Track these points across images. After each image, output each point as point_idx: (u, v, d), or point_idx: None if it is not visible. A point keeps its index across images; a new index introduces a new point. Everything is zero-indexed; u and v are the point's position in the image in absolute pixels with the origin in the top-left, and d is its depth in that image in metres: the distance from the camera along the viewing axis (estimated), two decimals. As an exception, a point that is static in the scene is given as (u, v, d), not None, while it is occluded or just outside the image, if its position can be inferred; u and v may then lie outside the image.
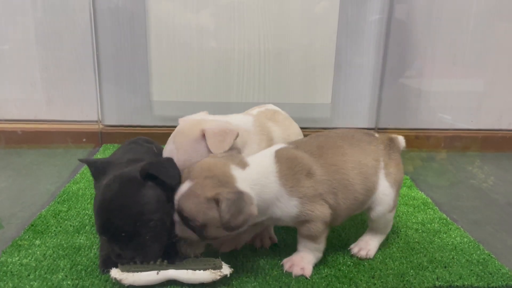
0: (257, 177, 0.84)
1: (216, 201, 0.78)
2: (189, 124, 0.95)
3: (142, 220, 0.80)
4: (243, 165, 0.85)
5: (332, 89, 1.84)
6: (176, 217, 0.84)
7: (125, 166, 0.87)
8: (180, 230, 0.84)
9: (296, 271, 0.89)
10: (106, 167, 0.88)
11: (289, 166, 0.87)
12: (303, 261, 0.91)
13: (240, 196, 0.78)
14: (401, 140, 1.02)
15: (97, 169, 0.88)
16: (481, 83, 1.90)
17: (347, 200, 0.91)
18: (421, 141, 1.87)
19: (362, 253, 0.97)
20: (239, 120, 1.01)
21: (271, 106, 1.16)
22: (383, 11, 1.79)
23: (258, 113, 1.08)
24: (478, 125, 1.91)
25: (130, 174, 0.83)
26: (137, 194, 0.81)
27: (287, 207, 0.87)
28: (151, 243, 0.82)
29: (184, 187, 0.82)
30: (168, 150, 0.93)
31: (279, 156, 0.89)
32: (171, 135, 0.95)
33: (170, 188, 0.84)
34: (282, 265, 0.92)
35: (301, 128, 1.18)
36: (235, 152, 0.89)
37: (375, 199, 0.95)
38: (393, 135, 1.02)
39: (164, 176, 0.82)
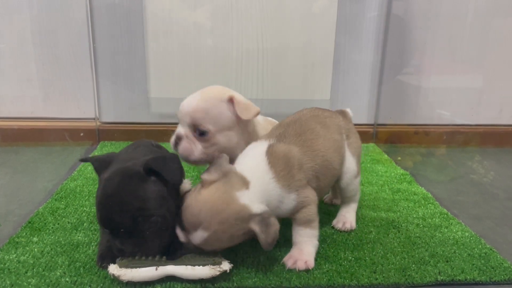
0: (260, 190, 0.85)
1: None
2: (221, 87, 1.02)
3: (143, 216, 0.79)
4: (245, 184, 0.84)
5: (331, 86, 1.83)
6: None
7: (129, 161, 0.86)
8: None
9: (300, 265, 0.89)
10: (109, 162, 0.87)
11: (283, 166, 0.89)
12: (303, 254, 0.91)
13: (264, 220, 0.82)
14: (349, 111, 1.14)
15: (101, 164, 0.87)
16: (480, 78, 1.90)
17: (326, 178, 0.97)
18: (421, 137, 1.87)
19: (347, 226, 1.06)
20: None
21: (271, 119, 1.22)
22: (382, 7, 1.78)
23: (268, 118, 1.16)
24: (478, 120, 1.91)
25: (133, 168, 0.82)
26: (138, 188, 0.80)
27: (288, 202, 0.89)
28: (152, 238, 0.81)
29: (200, 234, 0.80)
30: (191, 97, 0.99)
31: (271, 157, 0.89)
32: (199, 90, 1.02)
33: (174, 184, 0.83)
34: (284, 263, 0.91)
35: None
36: (223, 170, 0.86)
37: (343, 169, 1.04)
38: (344, 109, 1.14)
39: (166, 172, 0.81)
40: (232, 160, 0.99)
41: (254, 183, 0.85)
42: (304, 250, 0.91)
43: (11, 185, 1.35)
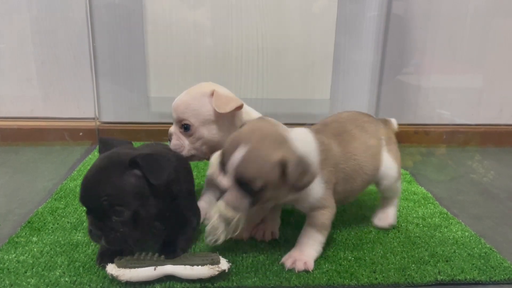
0: (302, 143, 0.85)
1: (282, 163, 0.79)
2: (210, 83, 1.05)
3: (110, 203, 0.78)
4: (287, 131, 0.86)
5: (331, 85, 1.83)
6: (226, 181, 0.82)
7: (128, 151, 0.85)
8: (233, 197, 0.81)
9: (299, 266, 0.88)
10: (112, 146, 0.88)
11: (324, 149, 0.90)
12: (303, 255, 0.90)
13: (303, 157, 0.80)
14: (394, 122, 1.14)
15: (104, 146, 0.89)
16: (480, 78, 1.90)
17: (355, 182, 0.97)
18: (420, 136, 1.86)
19: (390, 221, 1.07)
20: (253, 111, 1.11)
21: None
22: (382, 7, 1.78)
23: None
24: (478, 120, 1.90)
25: (120, 156, 0.82)
26: (115, 176, 0.79)
27: (316, 187, 0.88)
28: (118, 228, 0.80)
29: (240, 151, 0.80)
30: (179, 95, 1.04)
31: (317, 137, 0.90)
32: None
33: (162, 187, 0.83)
34: (283, 264, 0.90)
35: (300, 124, 1.18)
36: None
37: (381, 174, 1.03)
38: (388, 118, 1.14)
39: (148, 171, 0.80)
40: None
41: (297, 135, 0.86)
42: (305, 251, 0.91)
43: (10, 185, 1.35)
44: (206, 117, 0.99)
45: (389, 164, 1.04)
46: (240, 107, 0.99)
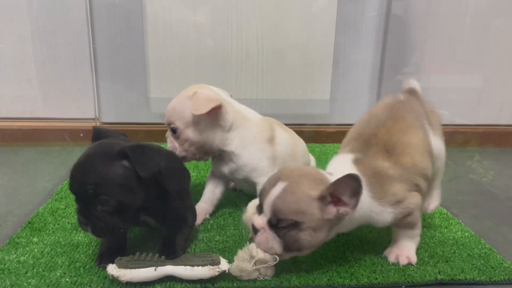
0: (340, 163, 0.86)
1: (321, 198, 0.77)
2: (197, 86, 1.06)
3: (95, 191, 0.79)
4: (329, 173, 0.85)
5: (331, 86, 1.84)
6: (259, 220, 0.81)
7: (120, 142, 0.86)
8: (264, 238, 0.80)
9: (403, 260, 0.91)
10: (106, 136, 0.89)
11: (375, 178, 0.86)
12: (404, 249, 0.93)
13: (359, 184, 0.77)
14: (415, 85, 1.06)
15: (98, 135, 0.90)
16: (480, 78, 1.90)
17: (425, 180, 0.93)
18: (420, 137, 1.86)
19: (432, 206, 1.07)
20: (247, 110, 1.10)
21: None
22: (381, 7, 1.78)
23: (269, 118, 1.15)
24: (477, 120, 1.91)
25: (110, 146, 0.82)
26: (102, 166, 0.80)
27: (384, 215, 0.87)
28: (102, 218, 0.81)
29: (278, 187, 0.79)
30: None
31: (362, 168, 0.86)
32: None
33: (152, 181, 0.84)
34: (386, 257, 0.93)
35: (300, 124, 1.19)
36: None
37: (434, 158, 0.98)
38: (408, 86, 1.06)
39: (136, 162, 0.80)
40: (208, 154, 1.07)
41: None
42: (405, 245, 0.93)
43: (10, 185, 1.35)
44: (188, 119, 1.01)
45: (439, 145, 1.00)
46: (218, 108, 1.00)
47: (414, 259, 0.92)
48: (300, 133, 1.21)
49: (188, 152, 1.04)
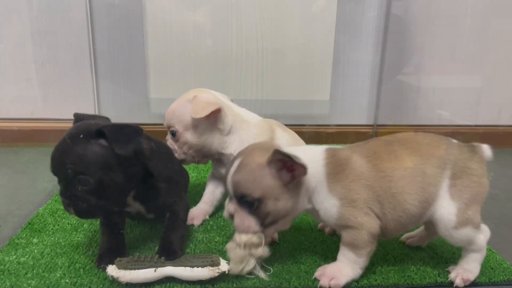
0: (296, 151, 0.82)
1: (269, 164, 0.78)
2: (196, 90, 1.07)
3: (75, 171, 0.79)
4: (291, 147, 0.87)
5: (331, 86, 1.83)
6: (231, 206, 0.82)
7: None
8: (239, 219, 0.81)
9: (324, 282, 0.83)
10: (84, 119, 0.89)
11: (336, 163, 0.84)
12: (336, 273, 0.84)
13: (288, 156, 0.77)
14: (485, 149, 0.87)
15: (79, 120, 0.90)
16: (480, 78, 1.90)
17: (394, 211, 0.83)
18: (420, 137, 1.86)
19: (464, 276, 0.86)
20: (247, 113, 1.10)
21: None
22: (381, 7, 1.78)
23: (269, 120, 1.15)
24: (477, 121, 1.91)
25: (88, 126, 0.83)
26: (79, 145, 0.80)
27: (327, 204, 0.83)
28: (83, 197, 0.81)
29: (234, 165, 0.81)
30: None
31: (329, 152, 0.85)
32: None
33: (134, 160, 0.85)
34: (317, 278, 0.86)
35: (300, 125, 1.19)
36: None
37: (434, 213, 0.84)
38: (476, 143, 0.88)
39: (113, 140, 0.80)
40: (207, 157, 1.08)
41: (300, 150, 0.84)
42: (340, 269, 0.85)
43: (10, 186, 1.35)
44: (187, 123, 1.02)
45: (444, 203, 0.83)
46: (217, 111, 1.00)
47: (338, 283, 0.83)
48: (300, 133, 1.21)
49: (187, 155, 1.05)
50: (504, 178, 1.56)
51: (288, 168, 0.79)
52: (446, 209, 0.83)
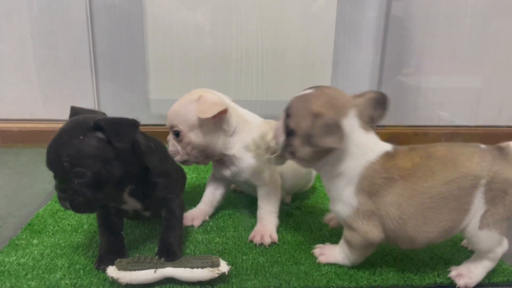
0: (362, 143, 0.83)
1: (316, 115, 0.80)
2: (203, 89, 1.05)
3: (72, 164, 0.79)
4: (366, 127, 0.85)
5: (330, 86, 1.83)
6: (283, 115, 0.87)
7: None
8: (278, 125, 0.89)
9: (316, 252, 0.94)
10: (83, 114, 0.89)
11: (381, 169, 0.82)
12: (329, 252, 0.92)
13: (336, 125, 0.79)
14: None
15: (75, 114, 0.90)
16: (480, 79, 1.90)
17: (423, 226, 0.81)
18: (420, 138, 1.86)
19: (465, 280, 0.86)
20: (249, 114, 1.11)
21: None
22: (381, 8, 1.78)
23: (270, 121, 1.13)
24: (477, 121, 1.91)
25: (85, 119, 0.83)
26: (76, 138, 0.80)
27: (346, 198, 0.84)
28: (80, 190, 0.80)
29: (307, 90, 0.87)
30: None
31: (388, 154, 0.83)
32: None
33: (130, 153, 0.85)
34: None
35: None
36: None
37: (466, 230, 0.83)
38: (503, 144, 0.84)
39: (110, 133, 0.80)
40: (209, 158, 1.06)
41: (365, 137, 0.84)
42: (334, 252, 0.92)
43: (10, 187, 1.36)
44: (192, 123, 1.00)
45: (479, 207, 0.80)
46: (223, 112, 1.00)
47: (326, 259, 0.92)
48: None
49: (190, 155, 1.04)
50: (504, 178, 1.56)
51: None
52: (478, 213, 0.81)
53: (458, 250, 0.99)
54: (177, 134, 1.02)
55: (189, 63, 1.75)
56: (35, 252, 0.94)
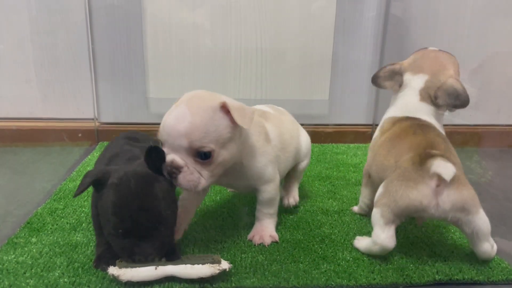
0: None
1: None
2: (206, 92, 0.87)
3: (161, 216, 0.80)
4: None
5: (330, 86, 1.83)
6: None
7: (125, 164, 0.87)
8: None
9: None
10: (106, 175, 0.82)
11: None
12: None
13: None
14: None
15: (98, 180, 0.82)
16: (479, 78, 1.90)
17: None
18: (419, 137, 1.86)
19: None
20: None
21: (261, 107, 1.13)
22: (380, 7, 1.78)
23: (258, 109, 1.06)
24: (476, 121, 1.91)
25: (142, 171, 0.82)
26: (154, 190, 0.80)
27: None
28: (166, 236, 0.82)
29: None
30: (176, 112, 0.83)
31: None
32: (180, 100, 0.86)
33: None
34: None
35: (300, 124, 1.18)
36: None
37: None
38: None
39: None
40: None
41: None
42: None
43: (9, 186, 1.35)
44: (225, 137, 0.83)
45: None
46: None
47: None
48: (299, 133, 1.21)
49: (216, 177, 0.87)
50: (503, 177, 1.56)
51: None
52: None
53: (457, 248, 0.99)
54: (206, 156, 0.81)
55: (188, 62, 1.75)
56: (34, 250, 0.93)
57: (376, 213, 0.91)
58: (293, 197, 1.16)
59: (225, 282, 0.84)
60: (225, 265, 0.83)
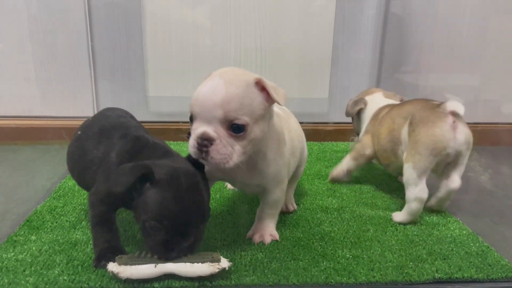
0: None
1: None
2: (239, 69, 0.86)
3: (206, 213, 0.83)
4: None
5: (329, 84, 1.83)
6: None
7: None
8: None
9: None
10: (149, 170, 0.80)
11: None
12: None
13: None
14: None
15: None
16: (478, 76, 1.90)
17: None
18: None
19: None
20: None
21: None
22: (380, 5, 1.78)
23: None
24: (475, 119, 1.90)
25: (187, 167, 0.84)
26: (200, 187, 0.82)
27: None
28: (200, 234, 0.85)
29: None
30: (212, 84, 0.80)
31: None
32: (213, 74, 0.84)
33: None
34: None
35: (299, 122, 1.18)
36: None
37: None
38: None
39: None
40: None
41: None
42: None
43: (9, 184, 1.35)
44: (259, 113, 0.81)
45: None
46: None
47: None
48: (298, 131, 1.21)
49: (246, 155, 0.83)
50: (502, 175, 1.56)
51: None
52: None
53: (457, 246, 0.99)
54: (240, 129, 0.79)
55: (187, 61, 1.75)
56: (33, 248, 0.93)
57: (408, 168, 1.07)
58: (291, 204, 1.16)
59: (225, 280, 0.84)
60: (224, 263, 0.83)
